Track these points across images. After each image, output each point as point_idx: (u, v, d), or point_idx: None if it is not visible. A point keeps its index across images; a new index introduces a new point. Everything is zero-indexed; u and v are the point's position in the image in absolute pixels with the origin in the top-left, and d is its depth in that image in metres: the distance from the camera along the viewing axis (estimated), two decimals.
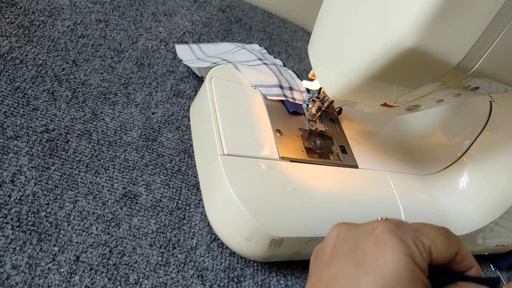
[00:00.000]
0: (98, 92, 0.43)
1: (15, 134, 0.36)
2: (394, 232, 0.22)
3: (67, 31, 0.47)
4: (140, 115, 0.44)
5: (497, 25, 0.26)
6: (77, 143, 0.38)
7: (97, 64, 0.46)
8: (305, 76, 0.66)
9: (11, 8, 0.45)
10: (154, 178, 0.40)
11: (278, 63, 0.53)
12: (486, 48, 0.27)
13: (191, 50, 0.52)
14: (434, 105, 0.35)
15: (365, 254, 0.22)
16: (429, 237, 0.23)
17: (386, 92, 0.33)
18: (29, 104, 0.39)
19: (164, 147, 0.43)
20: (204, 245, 0.38)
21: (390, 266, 0.21)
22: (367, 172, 0.45)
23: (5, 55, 0.41)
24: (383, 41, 0.28)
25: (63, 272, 0.31)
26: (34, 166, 0.35)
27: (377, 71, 0.30)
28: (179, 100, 0.48)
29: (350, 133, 0.49)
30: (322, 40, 0.37)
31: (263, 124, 0.42)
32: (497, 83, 0.31)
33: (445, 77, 0.29)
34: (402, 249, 0.22)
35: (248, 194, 0.35)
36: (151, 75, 0.49)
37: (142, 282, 0.33)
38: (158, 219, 0.37)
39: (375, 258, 0.22)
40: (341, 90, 0.34)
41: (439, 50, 0.26)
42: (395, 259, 0.21)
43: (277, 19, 0.75)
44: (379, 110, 0.38)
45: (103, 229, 0.34)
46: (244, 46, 0.54)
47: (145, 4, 0.57)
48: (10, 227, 0.31)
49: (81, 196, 0.35)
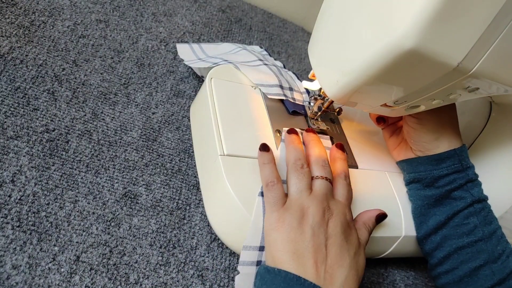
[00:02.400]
0: (98, 92, 0.43)
1: (15, 134, 0.36)
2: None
3: (67, 31, 0.47)
4: (140, 115, 0.44)
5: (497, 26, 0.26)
6: (77, 143, 0.38)
7: (97, 64, 0.46)
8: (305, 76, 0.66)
9: (11, 8, 0.45)
10: (154, 178, 0.40)
11: (278, 64, 0.53)
12: (486, 49, 0.27)
13: (192, 49, 0.52)
14: (433, 105, 0.35)
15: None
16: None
17: (386, 92, 0.34)
18: (29, 104, 0.39)
19: (164, 147, 0.43)
20: (204, 245, 0.38)
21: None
22: (367, 172, 0.45)
23: (5, 55, 0.41)
24: (383, 42, 0.28)
25: (63, 272, 0.31)
26: (34, 166, 0.35)
27: (377, 71, 0.30)
28: (179, 100, 0.48)
29: (350, 133, 0.49)
30: (322, 41, 0.37)
31: (263, 124, 0.42)
32: (497, 84, 0.31)
33: (445, 78, 0.29)
34: None
35: (248, 194, 0.35)
36: (151, 75, 0.49)
37: (142, 282, 0.33)
38: (158, 219, 0.37)
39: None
40: (341, 91, 0.34)
41: (439, 51, 0.26)
42: None
43: (277, 19, 0.75)
44: (379, 110, 0.38)
45: (103, 229, 0.35)
46: (245, 47, 0.54)
47: (145, 4, 0.57)
48: (11, 227, 0.31)
49: (81, 196, 0.35)
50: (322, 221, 0.33)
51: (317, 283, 0.30)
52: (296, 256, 0.32)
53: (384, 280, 0.46)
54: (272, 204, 0.34)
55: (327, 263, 0.32)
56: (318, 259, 0.32)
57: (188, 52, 0.51)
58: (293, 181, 0.35)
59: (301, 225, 0.33)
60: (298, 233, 0.32)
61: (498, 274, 0.39)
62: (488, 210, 0.42)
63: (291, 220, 0.33)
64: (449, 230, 0.41)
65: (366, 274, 0.45)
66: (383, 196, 0.44)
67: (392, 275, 0.47)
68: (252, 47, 0.57)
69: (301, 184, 0.35)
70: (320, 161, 0.38)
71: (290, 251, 0.32)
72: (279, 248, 0.32)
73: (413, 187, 0.45)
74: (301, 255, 0.32)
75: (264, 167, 0.36)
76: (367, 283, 0.44)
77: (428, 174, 0.43)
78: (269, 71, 0.47)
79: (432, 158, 0.42)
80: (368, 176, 0.45)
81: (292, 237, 0.32)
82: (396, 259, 0.48)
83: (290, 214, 0.33)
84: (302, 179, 0.35)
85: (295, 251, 0.32)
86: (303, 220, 0.33)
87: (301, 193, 0.35)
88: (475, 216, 0.40)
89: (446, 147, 0.42)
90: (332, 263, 0.32)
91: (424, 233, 0.43)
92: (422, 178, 0.43)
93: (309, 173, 0.37)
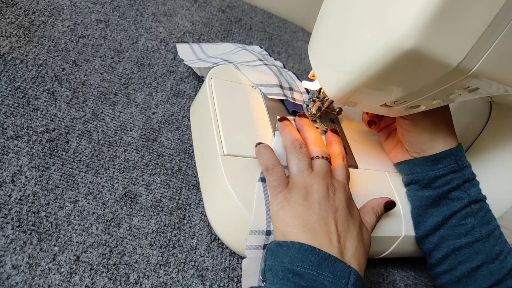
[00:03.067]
0: (98, 92, 0.43)
1: (15, 134, 0.36)
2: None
3: (67, 31, 0.47)
4: (140, 115, 0.44)
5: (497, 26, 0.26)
6: (77, 143, 0.38)
7: (97, 64, 0.46)
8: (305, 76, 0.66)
9: (11, 8, 0.45)
10: (154, 178, 0.40)
11: (278, 64, 0.53)
12: (486, 49, 0.27)
13: (192, 49, 0.52)
14: (433, 105, 0.35)
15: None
16: None
17: (386, 92, 0.34)
18: (29, 104, 0.39)
19: (164, 147, 0.43)
20: (204, 245, 0.38)
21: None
22: (367, 172, 0.45)
23: (5, 55, 0.41)
24: (383, 42, 0.28)
25: (63, 272, 0.31)
26: (34, 166, 0.35)
27: (377, 71, 0.30)
28: (179, 100, 0.48)
29: (350, 133, 0.49)
30: (322, 41, 0.37)
31: (263, 124, 0.42)
32: (497, 84, 0.31)
33: (445, 78, 0.29)
34: None
35: (248, 194, 0.35)
36: (151, 75, 0.49)
37: (142, 282, 0.33)
38: (158, 219, 0.37)
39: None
40: (341, 91, 0.34)
41: (439, 51, 0.26)
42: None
43: (277, 19, 0.75)
44: (379, 110, 0.38)
45: (103, 229, 0.35)
46: (245, 47, 0.54)
47: (145, 4, 0.57)
48: (11, 227, 0.31)
49: (81, 196, 0.35)
50: (327, 195, 0.34)
51: (332, 253, 0.31)
52: (307, 229, 0.32)
53: (384, 280, 0.46)
54: (276, 187, 0.35)
55: (338, 234, 0.32)
56: (329, 230, 0.32)
57: (188, 52, 0.51)
58: (294, 161, 0.36)
59: (307, 201, 0.33)
60: (306, 208, 0.33)
61: (496, 274, 0.39)
62: (486, 210, 0.42)
63: (297, 198, 0.33)
64: (446, 230, 0.41)
65: (366, 274, 0.45)
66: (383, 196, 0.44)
67: (392, 275, 0.47)
68: (252, 47, 0.57)
69: (302, 164, 0.35)
70: (317, 142, 0.38)
71: (300, 225, 0.32)
72: (288, 224, 0.33)
73: (412, 188, 0.45)
74: (312, 228, 0.32)
75: (261, 154, 0.37)
76: (367, 283, 0.44)
77: (425, 175, 0.43)
78: (269, 71, 0.47)
79: (428, 159, 0.42)
80: (368, 176, 0.45)
81: (300, 212, 0.33)
82: (396, 259, 0.48)
83: (295, 192, 0.34)
84: (302, 159, 0.36)
85: (305, 225, 0.32)
86: (309, 197, 0.34)
87: (303, 172, 0.35)
88: (473, 216, 0.41)
89: (441, 147, 0.42)
90: (342, 234, 0.33)
91: (422, 234, 0.43)
92: (419, 179, 0.43)
93: (306, 152, 0.37)
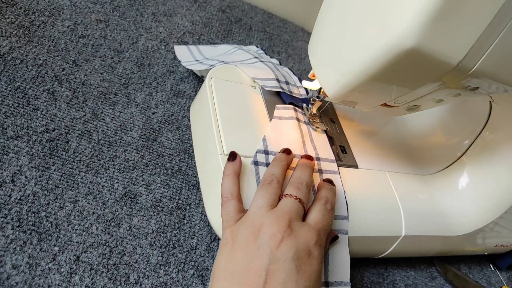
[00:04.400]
0: (98, 92, 0.43)
1: (15, 134, 0.36)
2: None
3: (67, 31, 0.47)
4: (140, 115, 0.44)
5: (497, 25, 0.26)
6: (77, 143, 0.38)
7: (97, 64, 0.46)
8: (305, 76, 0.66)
9: (11, 8, 0.45)
10: (154, 178, 0.40)
11: (274, 61, 0.54)
12: (486, 48, 0.27)
13: (190, 51, 0.52)
14: (434, 105, 0.35)
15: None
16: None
17: (386, 92, 0.34)
18: (29, 104, 0.39)
19: (164, 147, 0.43)
20: (204, 245, 0.38)
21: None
22: (367, 172, 0.45)
23: (5, 55, 0.41)
24: (382, 41, 0.28)
25: (63, 272, 0.31)
26: (34, 166, 0.35)
27: (376, 71, 0.30)
28: (179, 100, 0.48)
29: (350, 133, 0.49)
30: (322, 40, 0.37)
31: (263, 124, 0.42)
32: (497, 83, 0.31)
33: (445, 77, 0.29)
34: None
35: (248, 194, 0.35)
36: (151, 75, 0.49)
37: (142, 282, 0.33)
38: (158, 219, 0.37)
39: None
40: (341, 90, 0.34)
41: (439, 50, 0.26)
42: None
43: (277, 19, 0.75)
44: (379, 110, 0.38)
45: (103, 229, 0.35)
46: (241, 47, 0.54)
47: (145, 4, 0.57)
48: (10, 227, 0.31)
49: (81, 196, 0.35)
50: (271, 240, 0.29)
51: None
52: (230, 275, 0.29)
53: (384, 280, 0.46)
54: (224, 221, 0.33)
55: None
56: (254, 282, 0.28)
57: (185, 53, 0.51)
58: (256, 197, 0.33)
59: (249, 243, 0.30)
60: (244, 251, 0.30)
61: None
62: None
63: (242, 236, 0.31)
64: None
65: (366, 274, 0.45)
66: (383, 196, 0.44)
67: (392, 275, 0.47)
68: (248, 47, 0.57)
69: (262, 200, 0.33)
70: (297, 182, 0.35)
71: (226, 269, 0.29)
72: (220, 264, 0.30)
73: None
74: (236, 275, 0.29)
75: (224, 179, 0.34)
76: (367, 283, 0.44)
77: None
78: (265, 67, 0.47)
79: None
80: (368, 176, 0.45)
81: (236, 255, 0.30)
82: (396, 259, 0.48)
83: (243, 229, 0.31)
84: (264, 195, 0.33)
85: (232, 270, 0.29)
86: (252, 237, 0.30)
87: (260, 208, 0.32)
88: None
89: None
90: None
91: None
92: None
93: (277, 190, 0.34)
